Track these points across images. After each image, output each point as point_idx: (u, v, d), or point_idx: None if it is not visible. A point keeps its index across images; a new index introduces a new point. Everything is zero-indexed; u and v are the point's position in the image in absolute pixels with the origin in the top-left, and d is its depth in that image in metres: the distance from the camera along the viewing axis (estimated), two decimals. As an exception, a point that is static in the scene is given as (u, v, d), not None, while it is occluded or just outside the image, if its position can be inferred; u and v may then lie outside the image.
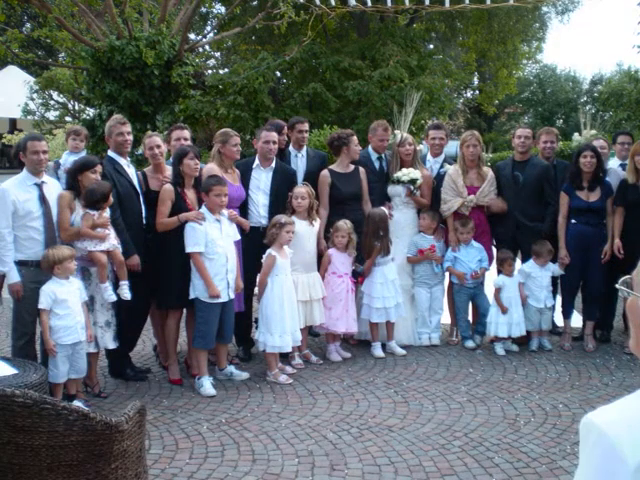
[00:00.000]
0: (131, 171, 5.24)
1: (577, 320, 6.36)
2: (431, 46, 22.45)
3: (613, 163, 6.72)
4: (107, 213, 4.77)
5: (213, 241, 4.92)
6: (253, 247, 5.46)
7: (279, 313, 5.24)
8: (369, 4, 10.96)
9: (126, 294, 4.81)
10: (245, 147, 10.47)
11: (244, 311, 5.59)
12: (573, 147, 9.90)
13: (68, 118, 18.05)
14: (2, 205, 4.53)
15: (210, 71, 19.98)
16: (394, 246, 5.96)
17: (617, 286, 1.22)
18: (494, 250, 6.37)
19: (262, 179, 5.69)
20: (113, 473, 2.82)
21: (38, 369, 3.86)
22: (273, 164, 5.72)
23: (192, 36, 17.67)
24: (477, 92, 28.94)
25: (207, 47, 20.09)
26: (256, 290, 5.65)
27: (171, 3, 11.99)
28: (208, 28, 20.18)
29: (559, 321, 6.38)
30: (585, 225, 5.95)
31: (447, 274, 6.30)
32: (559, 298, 6.29)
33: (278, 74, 17.67)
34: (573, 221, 5.98)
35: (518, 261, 6.37)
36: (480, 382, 5.22)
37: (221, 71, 20.04)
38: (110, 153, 5.24)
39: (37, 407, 2.69)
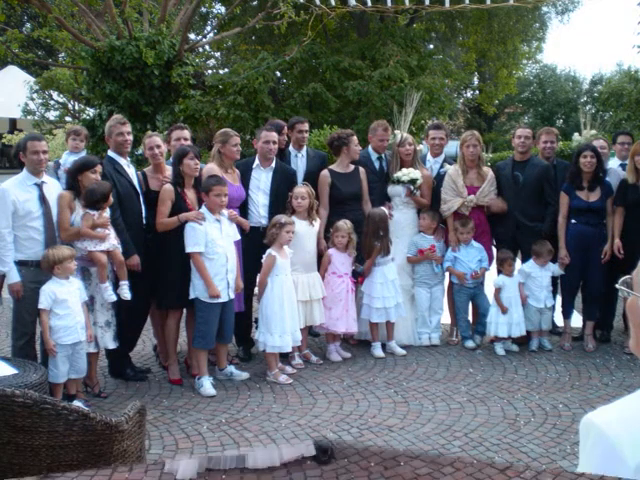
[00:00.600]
0: (131, 171, 5.24)
1: (577, 320, 6.36)
2: (431, 46, 22.42)
3: (613, 163, 6.72)
4: (107, 213, 4.77)
5: (213, 241, 4.92)
6: (253, 247, 5.46)
7: (279, 313, 5.24)
8: (369, 4, 10.96)
9: (126, 294, 4.81)
10: (245, 147, 10.45)
11: (244, 311, 5.59)
12: (573, 147, 9.88)
13: (68, 118, 18.02)
14: (2, 205, 4.53)
15: (210, 71, 19.98)
16: (394, 246, 5.96)
17: (617, 286, 1.22)
18: (494, 250, 6.37)
19: (262, 179, 5.69)
20: (113, 473, 2.81)
21: (38, 369, 3.86)
22: (273, 164, 5.72)
23: (192, 36, 17.67)
24: (477, 92, 28.93)
25: (207, 47, 20.09)
26: (256, 290, 5.65)
27: (171, 3, 11.99)
28: (208, 28, 20.18)
29: (559, 321, 6.38)
30: (585, 225, 5.95)
31: (447, 274, 6.31)
32: (559, 298, 6.28)
33: (278, 74, 17.65)
34: (573, 221, 5.97)
35: (518, 261, 6.37)
36: (480, 382, 5.22)
37: (221, 71, 20.04)
38: (110, 153, 5.24)
39: (37, 407, 2.69)
